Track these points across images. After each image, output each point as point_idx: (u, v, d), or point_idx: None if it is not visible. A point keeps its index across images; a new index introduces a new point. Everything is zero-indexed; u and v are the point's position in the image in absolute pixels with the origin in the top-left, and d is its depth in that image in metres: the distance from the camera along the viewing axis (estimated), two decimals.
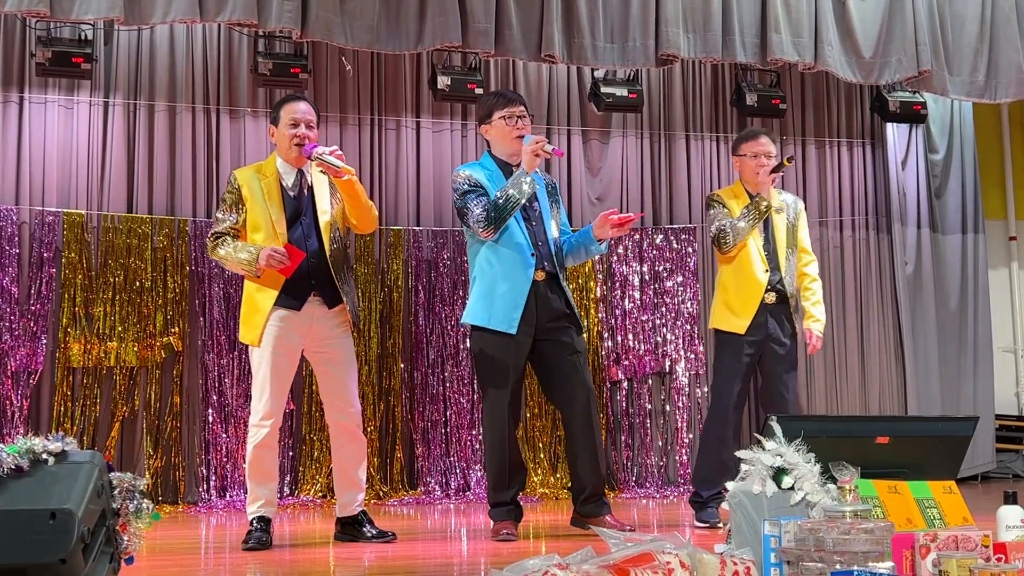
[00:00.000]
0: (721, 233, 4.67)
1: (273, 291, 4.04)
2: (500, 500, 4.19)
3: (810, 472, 2.64)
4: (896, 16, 6.48)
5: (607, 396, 6.75)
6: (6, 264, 5.78)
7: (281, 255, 3.94)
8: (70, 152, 6.05)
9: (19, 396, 5.71)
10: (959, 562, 2.28)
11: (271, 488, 4.12)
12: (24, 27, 5.96)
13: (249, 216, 4.10)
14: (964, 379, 7.42)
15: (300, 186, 4.16)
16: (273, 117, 4.21)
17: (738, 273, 4.69)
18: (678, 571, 2.24)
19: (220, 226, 4.12)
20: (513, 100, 4.33)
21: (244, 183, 4.12)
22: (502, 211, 4.11)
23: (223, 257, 4.08)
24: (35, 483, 2.49)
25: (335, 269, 4.11)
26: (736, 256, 4.68)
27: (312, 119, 4.17)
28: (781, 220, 4.76)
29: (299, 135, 4.11)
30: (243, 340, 4.20)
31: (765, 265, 4.67)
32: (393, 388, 6.38)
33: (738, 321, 4.65)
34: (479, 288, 4.24)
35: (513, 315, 4.13)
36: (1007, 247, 8.13)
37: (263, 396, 4.05)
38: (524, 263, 4.17)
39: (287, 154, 4.15)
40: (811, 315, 4.76)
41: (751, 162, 4.76)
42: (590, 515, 4.20)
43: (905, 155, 7.49)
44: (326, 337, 4.14)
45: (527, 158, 4.16)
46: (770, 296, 4.65)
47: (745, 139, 4.86)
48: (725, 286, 4.74)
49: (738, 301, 4.67)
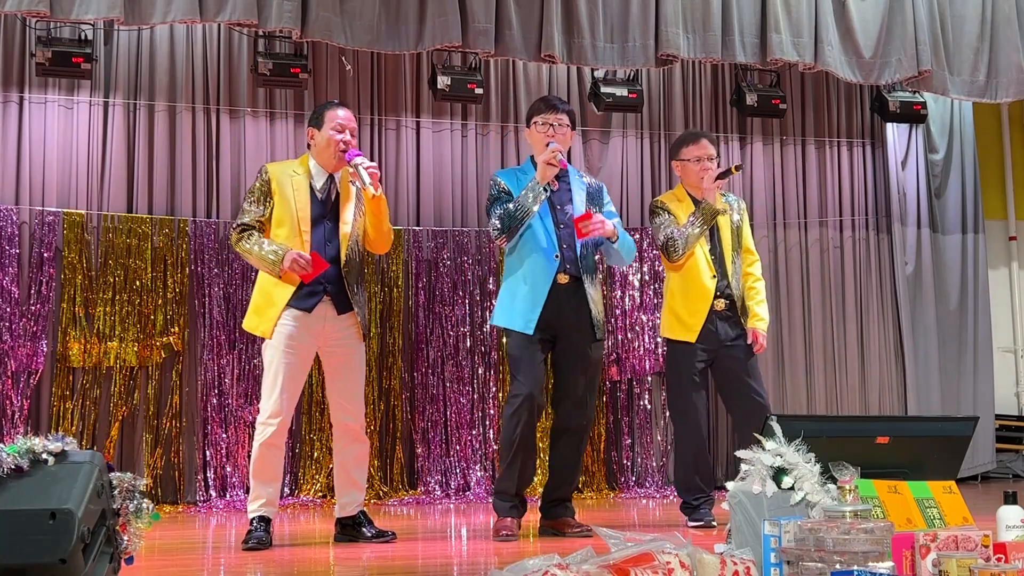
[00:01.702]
0: (670, 241, 4.63)
1: (290, 287, 4.06)
2: (504, 489, 4.25)
3: (810, 472, 2.65)
4: (896, 16, 6.48)
5: (607, 396, 6.75)
6: (6, 264, 5.77)
7: (305, 262, 3.99)
8: (70, 152, 6.05)
9: (19, 396, 5.71)
10: (959, 562, 2.28)
11: (274, 488, 4.13)
12: (24, 27, 5.96)
13: (276, 210, 4.14)
14: (964, 379, 7.42)
15: (328, 191, 4.22)
16: (315, 121, 4.26)
17: (686, 280, 4.67)
18: (678, 571, 2.24)
19: (246, 217, 4.15)
20: (553, 107, 4.39)
21: (274, 176, 4.18)
22: (512, 220, 4.21)
23: (247, 250, 4.10)
24: (35, 483, 2.49)
25: (348, 279, 4.14)
26: (684, 263, 4.66)
27: (355, 127, 4.27)
28: (726, 223, 4.73)
29: (345, 140, 4.18)
30: (249, 328, 4.21)
31: (712, 271, 4.65)
32: (393, 388, 6.38)
33: (688, 330, 4.64)
34: (504, 289, 4.35)
35: (531, 316, 4.21)
36: (1007, 247, 8.13)
37: (273, 394, 4.06)
38: (547, 265, 4.23)
39: (326, 157, 4.20)
40: (756, 315, 4.72)
41: (694, 166, 4.73)
42: (556, 516, 4.33)
43: (905, 155, 7.49)
44: (338, 339, 4.16)
45: (541, 168, 4.24)
46: (720, 303, 4.64)
47: (685, 142, 4.83)
48: (673, 293, 4.73)
49: (686, 309, 4.66)
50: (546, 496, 4.40)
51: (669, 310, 4.75)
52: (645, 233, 6.91)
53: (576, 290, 4.28)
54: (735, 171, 4.69)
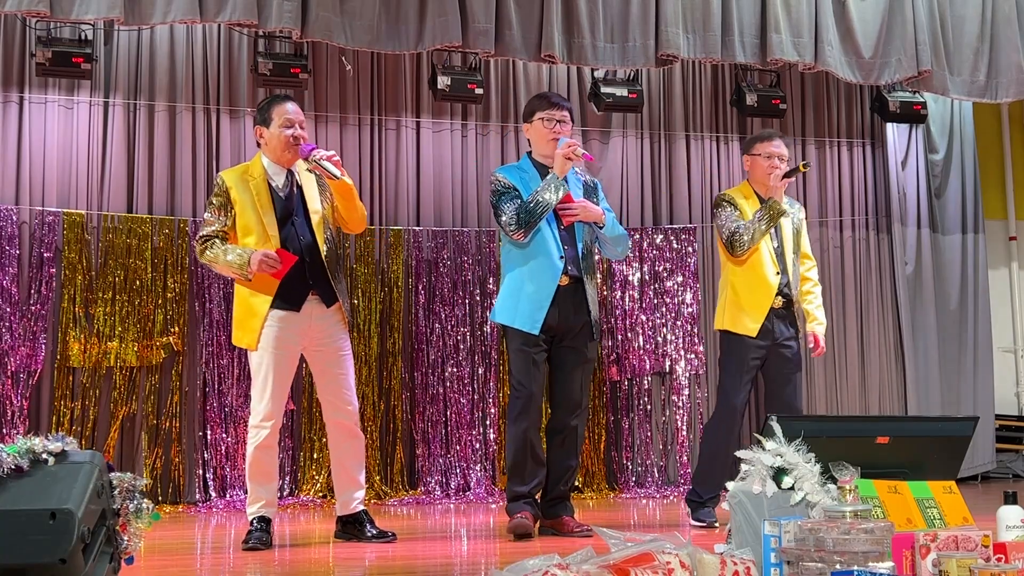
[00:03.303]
0: (736, 235, 4.60)
1: (267, 297, 4.03)
2: (518, 493, 4.25)
3: (810, 472, 2.65)
4: (896, 16, 6.48)
5: (607, 396, 6.75)
6: (6, 264, 5.77)
7: (273, 259, 3.94)
8: (70, 152, 6.04)
9: (19, 396, 5.70)
10: (959, 562, 2.28)
11: (271, 488, 4.13)
12: (24, 27, 5.96)
13: (239, 219, 4.08)
14: (964, 379, 7.41)
15: (290, 186, 4.16)
16: (262, 118, 4.18)
17: (750, 275, 4.64)
18: (678, 571, 2.24)
19: (208, 228, 4.09)
20: (556, 103, 4.40)
21: (232, 185, 4.10)
22: (532, 215, 4.20)
23: (212, 260, 4.05)
24: (35, 483, 2.49)
25: (330, 267, 4.12)
26: (748, 258, 4.65)
27: (303, 120, 4.20)
28: (788, 223, 4.73)
29: (297, 135, 4.12)
30: (238, 344, 4.20)
31: (776, 268, 4.64)
32: (393, 388, 6.38)
33: (750, 323, 4.62)
34: (507, 287, 4.34)
35: (537, 316, 4.22)
36: (1007, 247, 8.13)
37: (263, 397, 4.05)
38: (552, 266, 4.24)
39: (280, 155, 4.14)
40: (814, 317, 4.76)
41: (764, 163, 4.71)
42: (555, 515, 4.33)
43: (905, 155, 7.49)
44: (325, 336, 4.14)
45: (559, 162, 4.25)
46: (778, 300, 4.64)
47: (759, 139, 4.82)
48: (735, 288, 4.68)
49: (750, 303, 4.63)
50: (545, 495, 4.41)
51: (732, 304, 4.69)
52: (645, 234, 6.91)
53: (576, 291, 4.29)
54: (803, 169, 4.67)
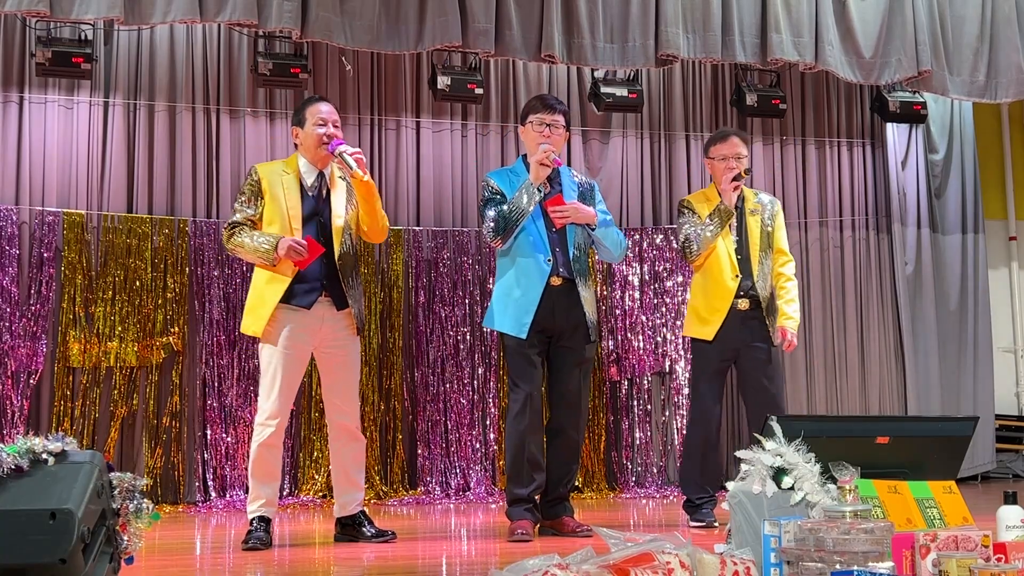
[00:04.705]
0: (687, 242, 4.64)
1: (282, 284, 4.06)
2: (517, 497, 4.24)
3: (810, 472, 2.65)
4: (896, 16, 6.48)
5: (607, 396, 6.75)
6: (6, 264, 5.77)
7: (302, 246, 4.00)
8: (70, 152, 6.04)
9: (19, 396, 5.70)
10: (959, 562, 2.28)
11: (273, 488, 4.13)
12: (24, 27, 5.96)
13: (266, 209, 4.15)
14: (964, 379, 7.41)
15: (320, 187, 4.22)
16: (297, 119, 4.26)
17: (707, 280, 4.66)
18: (678, 571, 2.24)
19: (236, 216, 4.16)
20: (550, 107, 4.37)
21: (264, 176, 4.18)
22: (507, 221, 4.20)
23: (240, 244, 4.10)
24: (35, 483, 2.49)
25: (343, 273, 4.15)
26: (705, 263, 4.66)
27: (337, 119, 4.26)
28: (756, 222, 4.69)
29: (328, 133, 4.17)
30: (246, 331, 4.21)
31: (735, 271, 4.61)
32: (393, 388, 6.38)
33: (706, 328, 4.63)
34: (497, 291, 4.36)
35: (524, 320, 4.20)
36: (1007, 247, 8.13)
37: (271, 395, 4.07)
38: (539, 268, 4.23)
39: (313, 154, 4.20)
40: (785, 314, 4.69)
41: (719, 165, 4.68)
42: (555, 515, 4.33)
43: (905, 155, 7.49)
44: (334, 339, 4.17)
45: (534, 168, 4.24)
46: (743, 302, 4.61)
47: (714, 141, 4.78)
48: (695, 293, 4.74)
49: (706, 308, 4.64)
50: (544, 496, 4.40)
51: (691, 309, 4.74)
52: (645, 234, 6.91)
53: (569, 292, 4.27)
54: (744, 175, 4.64)
